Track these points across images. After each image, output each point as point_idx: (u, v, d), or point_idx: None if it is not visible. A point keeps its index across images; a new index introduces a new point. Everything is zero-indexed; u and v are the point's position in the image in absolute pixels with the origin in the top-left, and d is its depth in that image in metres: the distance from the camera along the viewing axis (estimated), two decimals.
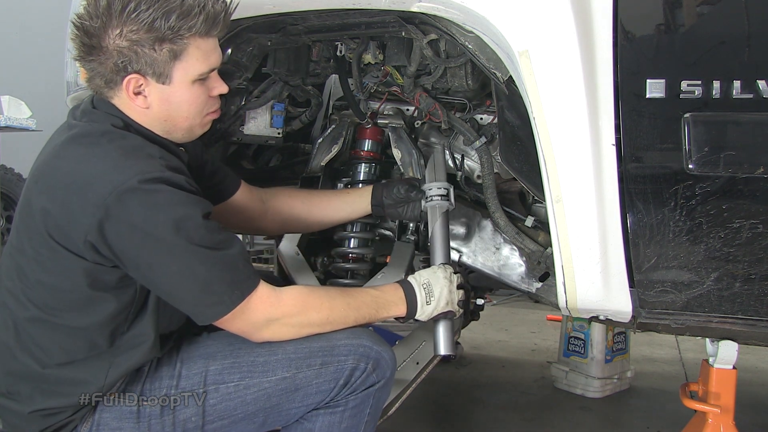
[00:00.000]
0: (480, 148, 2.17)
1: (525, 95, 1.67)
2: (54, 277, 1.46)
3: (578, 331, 3.47)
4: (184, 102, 1.53)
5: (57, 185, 1.42)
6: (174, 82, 1.50)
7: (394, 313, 1.70)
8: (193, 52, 1.48)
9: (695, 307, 1.74)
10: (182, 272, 1.41)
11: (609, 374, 3.42)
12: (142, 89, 1.50)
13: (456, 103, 2.32)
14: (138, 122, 1.53)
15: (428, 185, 2.10)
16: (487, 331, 4.52)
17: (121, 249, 1.39)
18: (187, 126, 1.57)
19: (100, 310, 1.48)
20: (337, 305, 1.60)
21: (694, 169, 1.62)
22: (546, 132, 1.65)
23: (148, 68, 1.47)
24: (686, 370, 3.72)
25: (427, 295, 1.73)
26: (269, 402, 1.56)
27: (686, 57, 1.64)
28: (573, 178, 1.67)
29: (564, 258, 1.73)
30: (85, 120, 1.52)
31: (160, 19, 1.43)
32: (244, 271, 1.48)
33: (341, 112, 2.42)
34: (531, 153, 1.73)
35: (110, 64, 1.46)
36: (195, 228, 1.39)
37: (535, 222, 2.18)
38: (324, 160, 2.37)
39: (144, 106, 1.51)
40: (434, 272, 1.79)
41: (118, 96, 1.52)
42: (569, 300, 1.77)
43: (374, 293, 1.70)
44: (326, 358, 1.56)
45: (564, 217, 1.69)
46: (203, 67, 1.51)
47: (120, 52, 1.45)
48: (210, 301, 1.44)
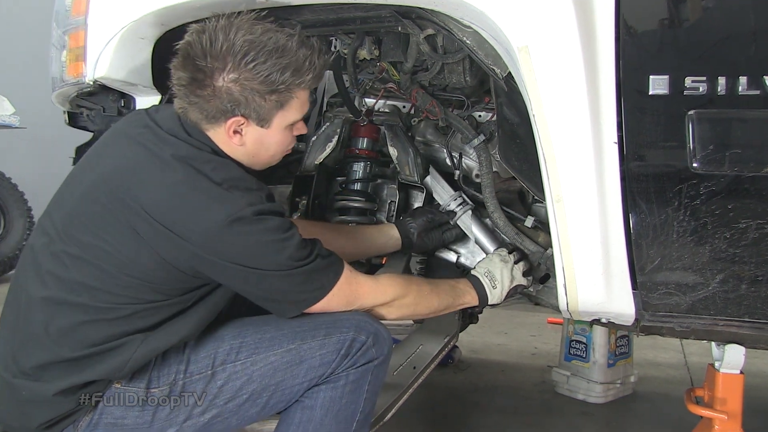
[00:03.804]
0: (478, 146, 2.18)
1: (524, 92, 1.68)
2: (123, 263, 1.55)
3: (580, 335, 3.46)
4: (275, 143, 1.67)
5: (165, 203, 1.52)
6: (272, 126, 1.63)
7: (468, 301, 1.97)
8: (294, 103, 1.62)
9: (700, 310, 1.74)
10: (285, 282, 1.60)
11: (612, 379, 3.41)
12: (242, 129, 1.61)
13: (454, 100, 2.33)
14: (226, 153, 1.64)
15: (445, 204, 2.30)
16: (486, 335, 4.50)
17: (223, 267, 1.54)
18: (267, 162, 1.73)
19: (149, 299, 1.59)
20: (424, 290, 1.85)
21: (699, 168, 1.63)
22: (546, 129, 1.66)
23: (253, 113, 1.59)
24: (691, 374, 3.72)
25: (491, 281, 2.01)
26: (274, 378, 1.65)
27: (691, 52, 1.64)
28: (574, 177, 1.68)
29: (565, 259, 1.73)
30: (181, 139, 1.60)
31: (276, 73, 1.55)
32: (326, 269, 1.66)
33: (336, 109, 2.42)
34: (531, 151, 1.74)
35: (217, 103, 1.56)
36: (296, 248, 1.57)
37: (535, 222, 2.18)
38: (318, 158, 2.37)
39: (239, 144, 1.63)
40: (490, 260, 2.08)
41: (215, 130, 1.62)
42: (570, 302, 1.78)
43: (451, 282, 1.97)
44: (329, 329, 1.67)
45: (565, 217, 1.70)
46: (299, 116, 1.67)
47: (230, 95, 1.55)
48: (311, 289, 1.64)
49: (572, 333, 3.50)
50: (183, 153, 1.56)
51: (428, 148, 2.45)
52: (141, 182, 1.54)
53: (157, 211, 1.51)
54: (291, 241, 1.57)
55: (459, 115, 2.26)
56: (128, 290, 1.56)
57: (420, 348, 2.15)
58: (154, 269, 1.55)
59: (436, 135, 2.41)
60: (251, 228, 1.52)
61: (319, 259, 1.62)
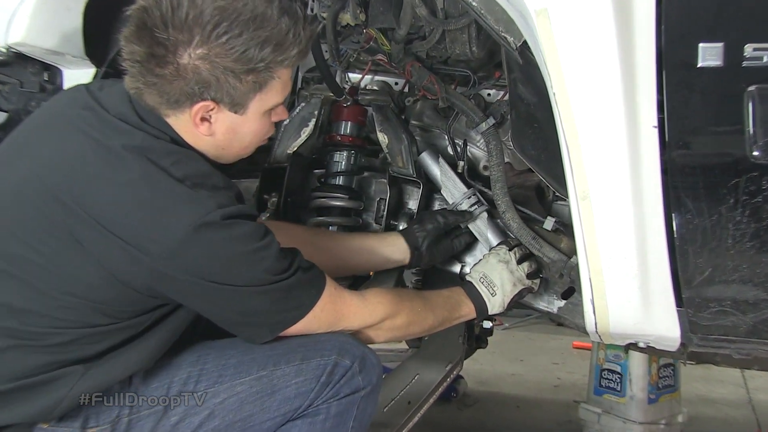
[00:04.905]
0: (487, 131, 2.18)
1: (543, 65, 1.67)
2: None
3: (613, 363, 3.44)
4: (250, 132, 1.69)
5: (116, 206, 1.51)
6: (248, 112, 1.64)
7: (465, 313, 2.02)
8: (275, 84, 1.63)
9: (765, 333, 1.74)
10: (259, 301, 1.60)
11: (654, 418, 3.39)
12: (211, 116, 1.61)
13: (457, 75, 2.33)
14: (189, 144, 1.64)
15: (455, 203, 2.29)
16: (498, 362, 4.52)
17: (187, 284, 1.54)
18: (238, 154, 1.74)
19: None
20: (417, 307, 1.89)
21: (761, 157, 1.61)
22: (569, 111, 1.66)
23: (225, 97, 1.59)
24: (757, 415, 3.71)
25: (488, 287, 2.05)
26: (241, 412, 1.65)
27: (752, 14, 1.61)
28: (603, 169, 1.68)
29: (592, 269, 1.74)
30: (134, 126, 1.59)
31: (254, 48, 1.54)
32: (307, 287, 1.68)
33: (313, 87, 2.41)
34: (551, 138, 1.74)
35: (181, 84, 1.55)
36: (275, 259, 1.58)
37: (557, 224, 2.19)
38: (292, 146, 2.37)
39: (207, 134, 1.63)
40: (486, 262, 2.12)
41: (177, 117, 1.61)
42: (600, 322, 1.78)
43: (443, 293, 2.02)
44: (307, 353, 1.69)
45: (592, 218, 1.70)
46: (280, 99, 1.68)
47: (198, 75, 1.54)
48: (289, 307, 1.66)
49: (603, 360, 3.48)
50: (137, 143, 1.55)
51: (426, 134, 2.45)
52: (86, 180, 1.53)
53: (107, 216, 1.50)
54: (268, 250, 1.57)
55: (463, 94, 2.26)
56: (67, 312, 1.54)
57: (416, 378, 2.17)
58: (101, 287, 1.54)
59: (435, 118, 2.41)
60: (221, 235, 1.52)
61: (300, 273, 1.62)
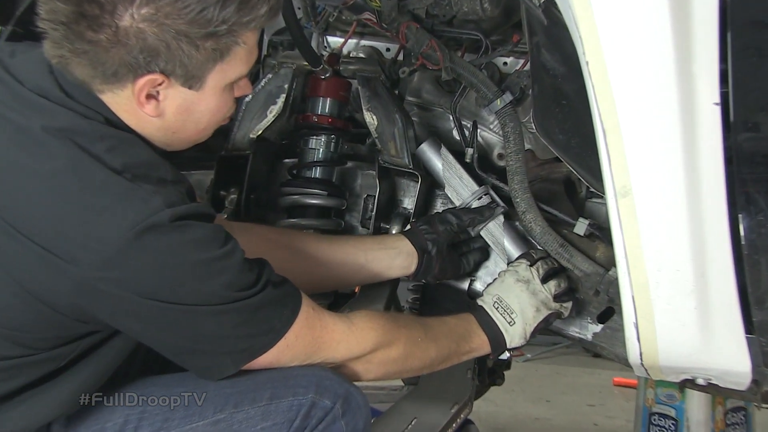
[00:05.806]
0: (503, 110, 2.15)
1: (573, 26, 1.65)
2: None
3: (665, 405, 3.43)
4: (208, 111, 1.68)
5: (36, 206, 1.50)
6: (206, 87, 1.63)
7: (476, 346, 2.01)
8: (239, 51, 1.62)
9: None
10: (218, 323, 1.59)
11: None
12: (159, 92, 1.59)
13: (465, 39, 2.32)
14: (130, 126, 1.62)
15: (464, 203, 2.30)
16: (518, 403, 4.57)
17: (124, 303, 1.52)
18: (193, 139, 1.74)
19: None
20: (416, 335, 1.88)
21: None
22: (606, 84, 1.64)
23: (178, 68, 1.56)
24: None
25: (505, 313, 2.04)
26: None
27: None
28: (650, 158, 1.67)
29: (636, 284, 1.73)
30: (57, 103, 1.57)
31: (214, 6, 1.51)
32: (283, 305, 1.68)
33: (282, 54, 2.42)
34: (583, 119, 1.72)
35: (121, 53, 1.51)
36: (237, 270, 1.58)
37: (591, 228, 2.15)
38: (255, 130, 2.37)
39: (154, 115, 1.61)
40: (501, 282, 2.10)
41: (114, 93, 1.58)
42: (646, 352, 1.78)
43: (450, 321, 2.00)
44: (277, 390, 1.68)
45: (635, 221, 1.69)
46: (244, 70, 1.68)
47: (143, 41, 1.51)
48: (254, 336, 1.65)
49: (652, 402, 3.48)
50: (61, 124, 1.53)
51: (425, 113, 2.45)
52: None
53: (24, 218, 1.49)
54: (229, 260, 1.56)
55: (473, 63, 2.23)
56: None
57: (414, 423, 2.18)
58: (14, 309, 1.54)
59: (437, 94, 2.42)
60: (169, 241, 1.50)
61: (270, 288, 1.62)
